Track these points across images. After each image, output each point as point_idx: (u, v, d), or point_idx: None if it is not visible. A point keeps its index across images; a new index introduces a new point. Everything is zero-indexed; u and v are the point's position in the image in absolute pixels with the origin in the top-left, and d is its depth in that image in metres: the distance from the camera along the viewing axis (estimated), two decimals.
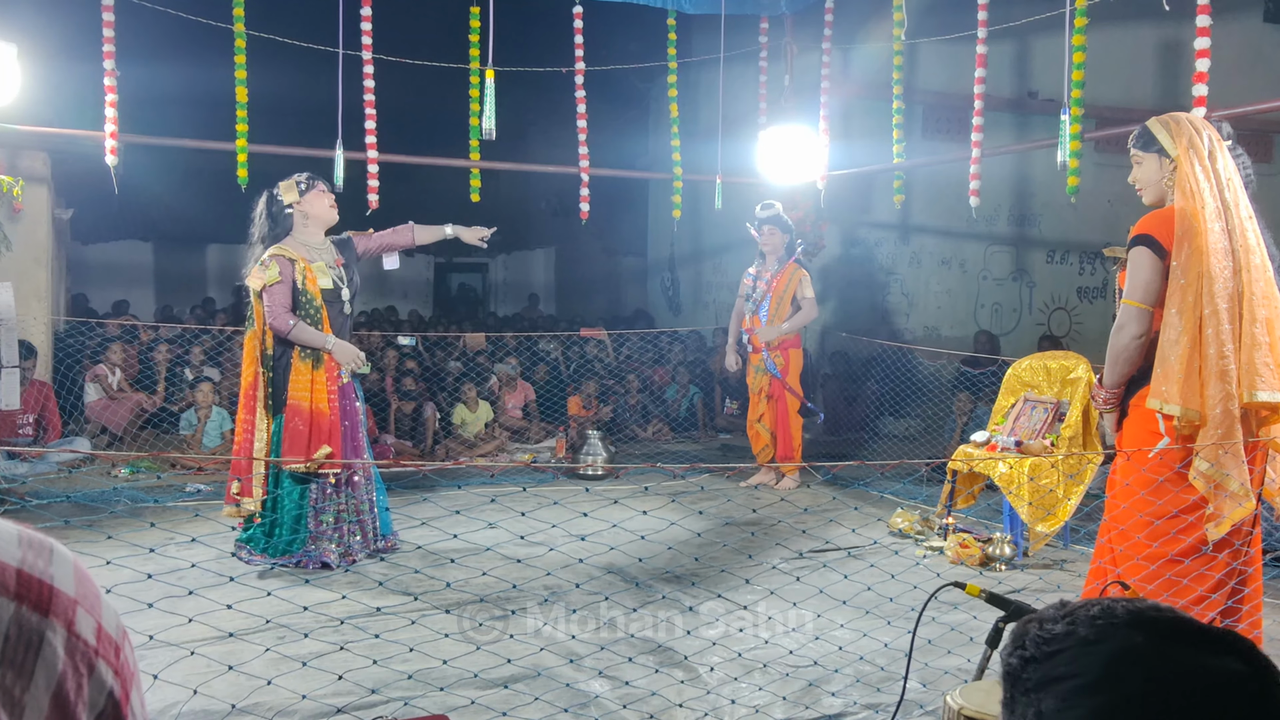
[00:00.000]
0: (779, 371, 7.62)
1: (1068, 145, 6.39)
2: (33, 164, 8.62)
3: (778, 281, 7.65)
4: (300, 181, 5.47)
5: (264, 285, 5.30)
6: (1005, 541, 5.64)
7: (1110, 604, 0.95)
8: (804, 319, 7.66)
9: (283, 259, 5.34)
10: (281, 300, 5.29)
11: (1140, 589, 3.17)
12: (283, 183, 5.49)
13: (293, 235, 5.45)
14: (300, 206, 5.45)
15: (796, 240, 7.81)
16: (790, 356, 7.69)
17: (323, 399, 5.33)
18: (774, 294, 7.65)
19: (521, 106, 13.44)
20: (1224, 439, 3.17)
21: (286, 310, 5.29)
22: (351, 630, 4.14)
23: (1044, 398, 5.99)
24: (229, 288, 16.02)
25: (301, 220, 5.46)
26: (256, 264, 5.38)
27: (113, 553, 3.77)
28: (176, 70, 10.96)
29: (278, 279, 5.29)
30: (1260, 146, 11.83)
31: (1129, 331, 3.36)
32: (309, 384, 5.32)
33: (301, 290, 5.35)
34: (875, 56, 9.42)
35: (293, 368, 5.32)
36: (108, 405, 8.76)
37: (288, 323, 5.27)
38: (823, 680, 3.80)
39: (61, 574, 0.72)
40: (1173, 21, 7.28)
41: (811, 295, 7.66)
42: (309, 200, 5.46)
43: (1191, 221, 3.23)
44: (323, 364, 5.36)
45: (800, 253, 7.81)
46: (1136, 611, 0.93)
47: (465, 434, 9.12)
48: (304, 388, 5.31)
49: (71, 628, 0.70)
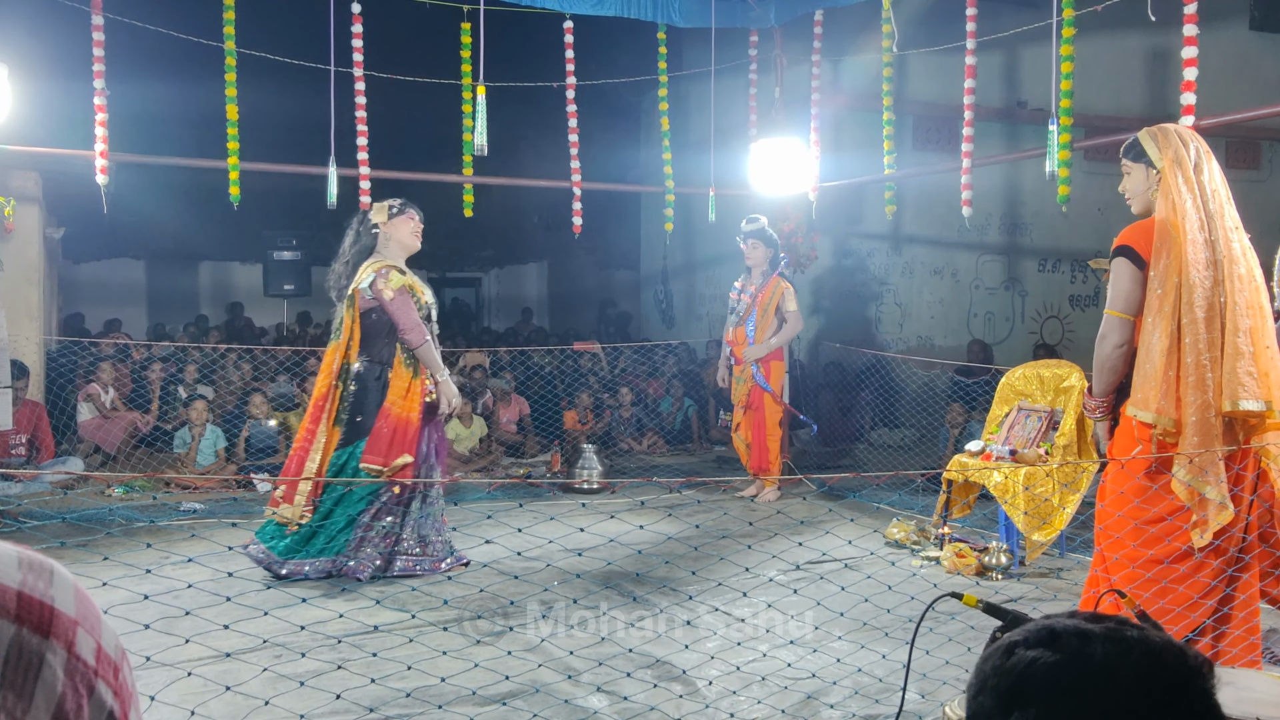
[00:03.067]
0: (766, 382, 7.59)
1: (1056, 154, 6.42)
2: (24, 183, 8.62)
3: (762, 295, 7.62)
4: (393, 205, 5.52)
5: (396, 290, 5.29)
6: (1001, 551, 5.64)
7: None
8: (789, 333, 7.65)
9: (395, 270, 5.37)
10: (413, 308, 5.32)
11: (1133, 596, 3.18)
12: (376, 204, 5.58)
13: (379, 252, 5.48)
14: (386, 228, 5.48)
15: (781, 254, 7.81)
16: (772, 368, 7.64)
17: (415, 409, 5.33)
18: (759, 308, 7.63)
19: (513, 121, 13.48)
20: (1201, 447, 3.19)
21: (417, 318, 5.31)
22: (349, 648, 4.13)
23: (1038, 406, 6.01)
24: (222, 305, 16.00)
25: (384, 241, 5.49)
26: (373, 275, 5.34)
27: (109, 573, 3.76)
28: (167, 89, 10.96)
29: (403, 283, 5.33)
30: (1248, 154, 11.90)
31: (1110, 341, 3.43)
32: (404, 391, 5.32)
33: (414, 299, 5.39)
34: (865, 68, 9.47)
35: (393, 371, 5.33)
36: (101, 424, 8.73)
37: (424, 335, 5.31)
38: (821, 692, 3.80)
39: (62, 595, 0.72)
40: (1160, 31, 7.34)
41: (795, 308, 7.64)
42: (395, 224, 5.48)
43: (1171, 232, 3.27)
44: (420, 374, 5.37)
45: (785, 266, 7.79)
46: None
47: (459, 449, 9.10)
48: (399, 393, 5.31)
49: (72, 649, 0.70)
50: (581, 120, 8.30)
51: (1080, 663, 0.97)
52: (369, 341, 5.37)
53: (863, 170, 9.02)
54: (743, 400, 7.71)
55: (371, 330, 5.36)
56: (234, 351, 10.44)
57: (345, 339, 5.36)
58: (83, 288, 15.04)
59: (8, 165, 8.19)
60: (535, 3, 7.75)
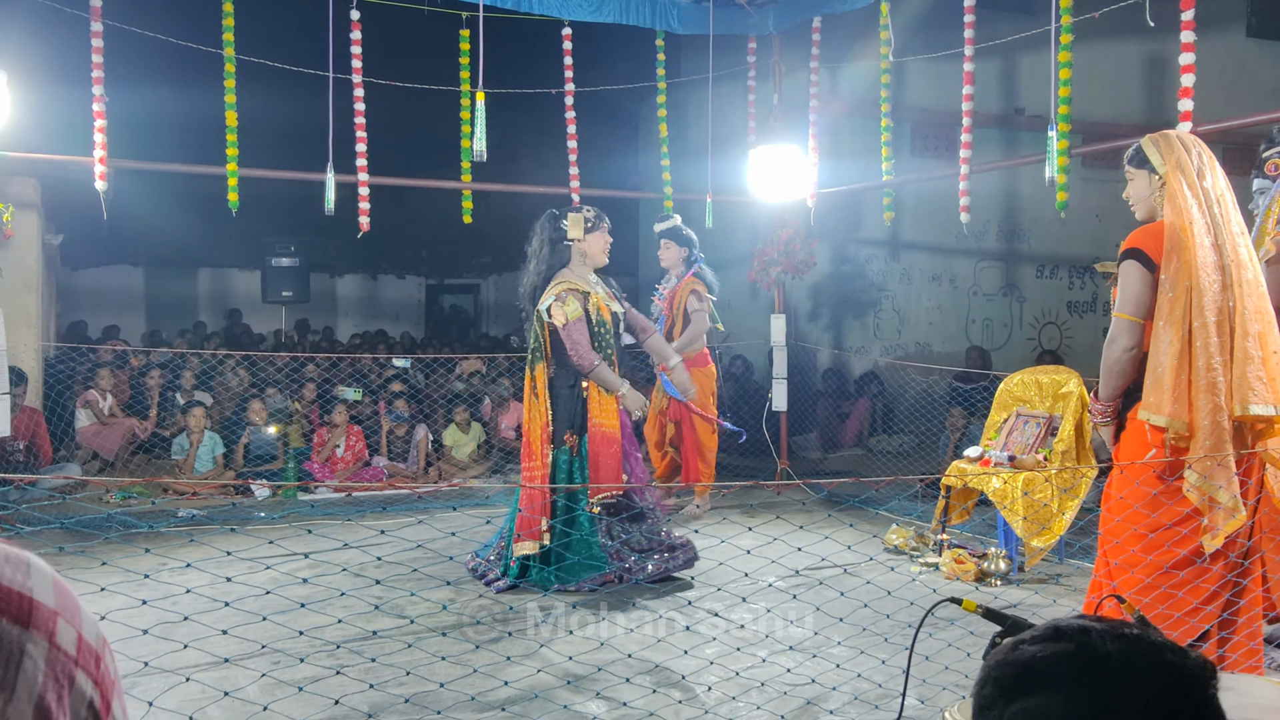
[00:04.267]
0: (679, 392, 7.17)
1: (1055, 161, 6.43)
2: (23, 190, 8.62)
3: (673, 298, 7.32)
4: (588, 219, 5.50)
5: (567, 321, 5.30)
6: (1000, 556, 5.64)
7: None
8: (691, 334, 7.16)
9: (577, 292, 5.37)
10: (583, 335, 5.31)
11: (1135, 601, 3.17)
12: (571, 214, 5.53)
13: (570, 267, 5.48)
14: (581, 244, 5.48)
15: (697, 254, 7.43)
16: (693, 377, 7.08)
17: (614, 421, 5.37)
18: (669, 311, 7.30)
19: (512, 128, 13.51)
20: (1213, 451, 3.18)
21: (589, 346, 5.31)
22: (347, 654, 4.12)
23: (1036, 412, 6.01)
24: (220, 311, 16.00)
25: (579, 256, 5.50)
26: (553, 299, 5.37)
27: (106, 579, 3.76)
28: (166, 95, 10.98)
29: (579, 314, 5.31)
30: (1246, 160, 11.90)
31: (1120, 344, 3.39)
32: (601, 406, 5.35)
33: (597, 320, 5.39)
34: (863, 75, 9.48)
35: (590, 392, 5.35)
36: (99, 431, 8.72)
37: (593, 361, 5.29)
38: (820, 698, 3.79)
39: (40, 587, 0.72)
40: (1157, 37, 7.36)
41: (701, 306, 7.17)
42: (592, 239, 5.48)
43: (1180, 236, 3.26)
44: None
45: (701, 265, 7.38)
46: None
47: (457, 456, 9.10)
48: (598, 408, 5.34)
49: (53, 639, 0.71)
50: (580, 127, 8.31)
51: (1084, 654, 0.98)
52: (559, 354, 5.41)
53: (861, 177, 9.04)
54: (662, 410, 7.36)
55: (560, 346, 5.40)
56: (232, 358, 10.44)
57: (544, 357, 5.42)
58: (81, 294, 15.04)
59: (7, 171, 8.19)
60: (534, 9, 7.76)
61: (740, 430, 7.87)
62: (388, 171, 8.08)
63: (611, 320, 5.48)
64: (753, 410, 10.52)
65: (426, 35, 8.61)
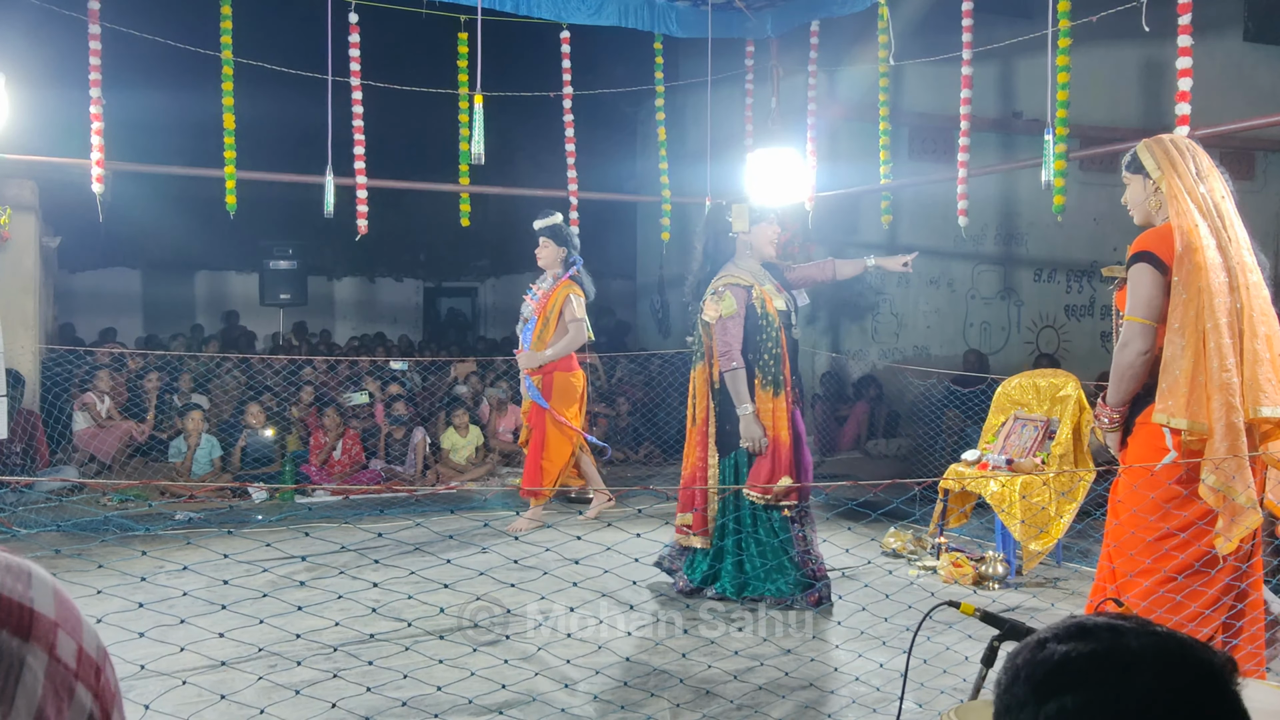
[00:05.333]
0: (542, 397, 6.84)
1: (1052, 165, 6.43)
2: (20, 192, 8.61)
3: (546, 300, 6.93)
4: (754, 209, 5.34)
5: (719, 317, 5.14)
6: (998, 560, 5.64)
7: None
8: (568, 344, 6.83)
9: (737, 287, 5.18)
10: (735, 335, 5.11)
11: (1136, 606, 3.17)
12: (735, 206, 5.35)
13: (735, 261, 5.31)
14: (747, 236, 5.30)
15: (575, 255, 7.06)
16: (556, 381, 6.86)
17: (784, 428, 5.14)
18: (540, 314, 6.93)
19: (510, 130, 13.51)
20: (1229, 452, 3.18)
21: (738, 348, 5.11)
22: (344, 657, 4.11)
23: (1034, 416, 6.01)
24: (218, 315, 15.98)
25: (745, 249, 5.32)
26: (710, 294, 5.22)
27: (103, 582, 3.75)
28: (164, 97, 10.97)
29: (734, 311, 5.13)
30: (1243, 164, 11.93)
31: (1134, 348, 3.33)
32: (770, 413, 5.13)
33: (762, 314, 5.15)
34: (861, 79, 9.49)
35: (755, 395, 5.13)
36: (96, 434, 8.71)
37: (732, 363, 5.09)
38: (818, 702, 3.79)
39: (41, 598, 0.72)
40: (1155, 41, 7.37)
41: (581, 317, 6.85)
42: (758, 231, 5.30)
43: (1189, 238, 3.25)
44: (783, 392, 5.15)
45: (578, 269, 7.04)
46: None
47: (455, 459, 9.09)
48: (766, 415, 5.13)
49: (53, 651, 0.70)
50: (578, 130, 8.31)
51: (1117, 652, 0.98)
52: None
53: (859, 180, 9.04)
54: (527, 414, 7.07)
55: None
56: (229, 360, 10.43)
57: (704, 356, 5.28)
58: (78, 297, 15.02)
59: (4, 174, 8.19)
60: (532, 12, 7.77)
61: (605, 445, 7.57)
62: (386, 174, 8.08)
63: (779, 316, 5.19)
64: None
65: (425, 38, 8.61)
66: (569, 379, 6.91)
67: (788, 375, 5.22)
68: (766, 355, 5.15)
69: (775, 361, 5.15)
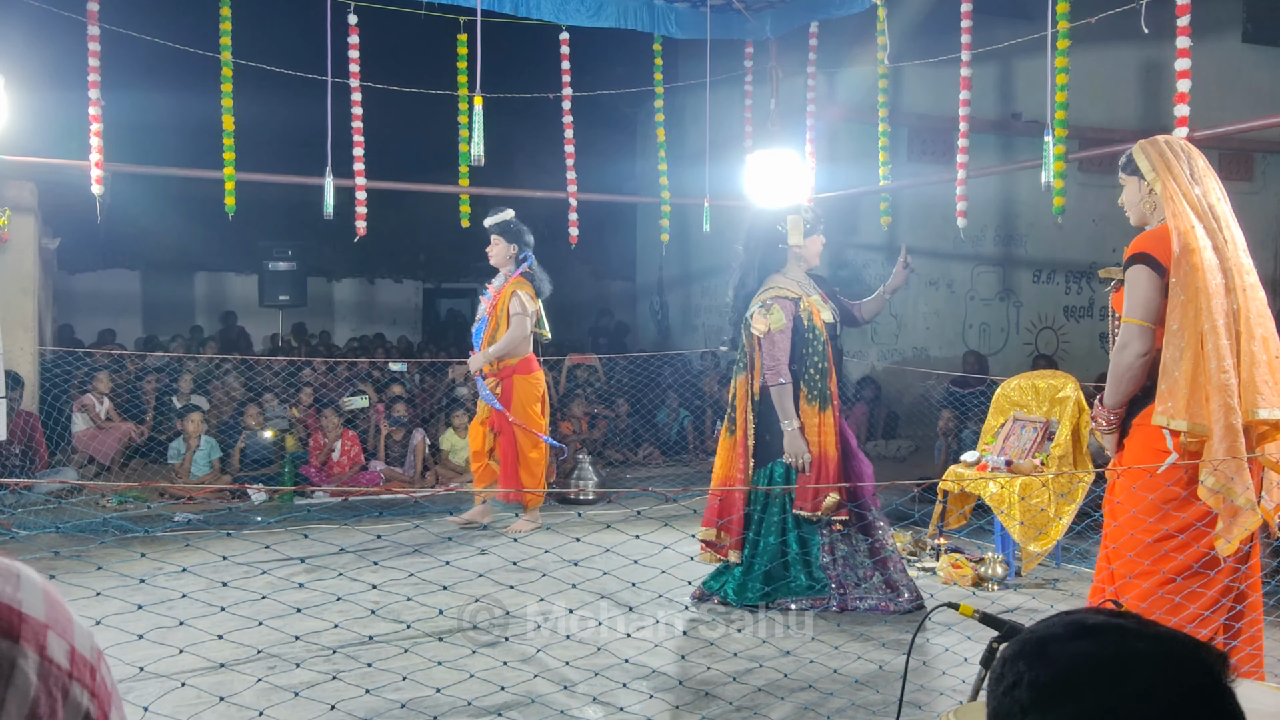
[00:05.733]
0: (497, 401, 6.69)
1: (1051, 166, 6.44)
2: (19, 193, 8.61)
3: (497, 299, 6.77)
4: (808, 220, 5.22)
5: (767, 331, 5.04)
6: (997, 561, 5.64)
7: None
8: (508, 340, 6.63)
9: (785, 300, 5.08)
10: (783, 349, 5.02)
11: (1135, 608, 3.17)
12: (791, 217, 5.21)
13: (783, 271, 5.20)
14: (798, 249, 5.20)
15: (527, 252, 6.89)
16: (516, 385, 6.70)
17: (830, 442, 5.05)
18: (492, 313, 6.76)
19: (509, 132, 13.51)
20: (1227, 454, 3.18)
21: (785, 363, 5.01)
22: (343, 659, 4.11)
23: (1033, 417, 6.01)
24: (216, 315, 15.98)
25: (795, 260, 5.23)
26: (758, 306, 5.11)
27: (102, 583, 3.75)
28: (163, 99, 10.97)
29: (782, 325, 5.03)
30: (1241, 165, 11.95)
31: (1133, 350, 3.33)
32: (817, 428, 5.04)
33: (809, 327, 5.07)
34: (860, 80, 9.50)
35: (799, 410, 5.05)
36: (95, 435, 8.70)
37: (779, 379, 5.00)
38: (818, 703, 3.79)
39: (30, 599, 0.72)
40: (1154, 43, 7.37)
41: (521, 311, 6.66)
42: (810, 242, 5.21)
43: (1186, 239, 3.25)
44: (829, 407, 5.08)
45: (530, 265, 6.87)
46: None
47: (455, 460, 9.09)
48: (811, 430, 5.04)
49: (43, 652, 0.70)
50: (578, 131, 8.32)
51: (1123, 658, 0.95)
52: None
53: (858, 181, 9.05)
54: (484, 419, 6.89)
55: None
56: (229, 362, 10.42)
57: (747, 367, 5.18)
58: (78, 298, 15.02)
59: (3, 175, 8.19)
60: (532, 14, 7.77)
61: (562, 446, 7.44)
62: (385, 176, 8.09)
63: (825, 329, 5.12)
64: None
65: (424, 40, 8.62)
66: (528, 381, 6.76)
67: (834, 390, 5.15)
68: (812, 369, 5.07)
69: (821, 376, 5.08)
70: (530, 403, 6.74)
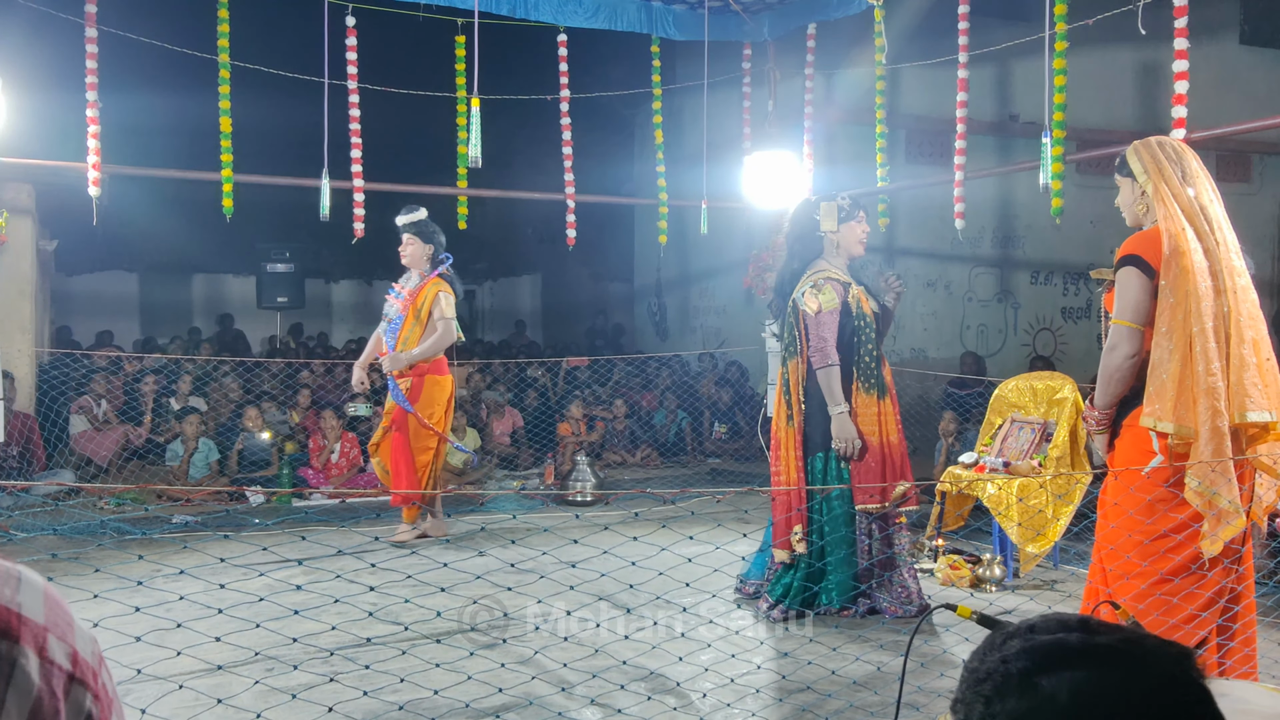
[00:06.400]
0: (405, 400, 6.52)
1: (1049, 167, 6.44)
2: (17, 195, 8.61)
3: (414, 299, 6.66)
4: (842, 207, 5.04)
5: (819, 310, 4.89)
6: (995, 563, 5.65)
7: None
8: (437, 344, 6.53)
9: (836, 283, 4.95)
10: (832, 330, 4.87)
11: (1131, 609, 3.17)
12: (824, 204, 5.07)
13: (824, 258, 5.05)
14: (835, 235, 5.04)
15: (443, 254, 6.79)
16: (426, 384, 6.56)
17: (893, 430, 4.94)
18: (407, 314, 6.64)
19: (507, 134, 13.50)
20: (1213, 456, 3.18)
21: (833, 344, 4.87)
22: (341, 661, 4.11)
23: (1031, 418, 6.01)
24: (214, 317, 15.98)
25: (832, 248, 5.06)
26: (809, 285, 4.95)
27: (100, 585, 3.74)
28: (161, 101, 10.97)
29: (835, 305, 4.90)
30: (1239, 167, 11.96)
31: (1122, 351, 3.35)
32: (876, 415, 4.91)
33: (858, 314, 4.94)
34: (858, 82, 9.51)
35: (855, 398, 4.91)
36: (93, 437, 8.70)
37: (829, 359, 4.84)
38: (816, 705, 3.79)
39: (30, 601, 0.72)
40: (1151, 45, 7.39)
41: (451, 316, 6.57)
42: (846, 229, 5.03)
43: (1176, 241, 3.26)
44: (888, 394, 4.97)
45: (447, 266, 6.77)
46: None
47: (453, 462, 9.08)
48: (866, 418, 4.89)
49: (43, 653, 0.70)
50: (575, 133, 8.32)
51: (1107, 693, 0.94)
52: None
53: (856, 183, 9.04)
54: (388, 418, 6.69)
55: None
56: (226, 363, 10.42)
57: (799, 352, 5.00)
58: (75, 300, 15.01)
59: (1, 177, 8.19)
60: (530, 15, 7.78)
61: (472, 454, 7.25)
62: (383, 177, 8.09)
63: (874, 318, 4.99)
64: (748, 416, 10.53)
65: (422, 41, 8.61)
66: (439, 382, 6.62)
67: (889, 379, 5.04)
68: (866, 356, 4.94)
69: (875, 363, 4.96)
70: (437, 403, 6.59)
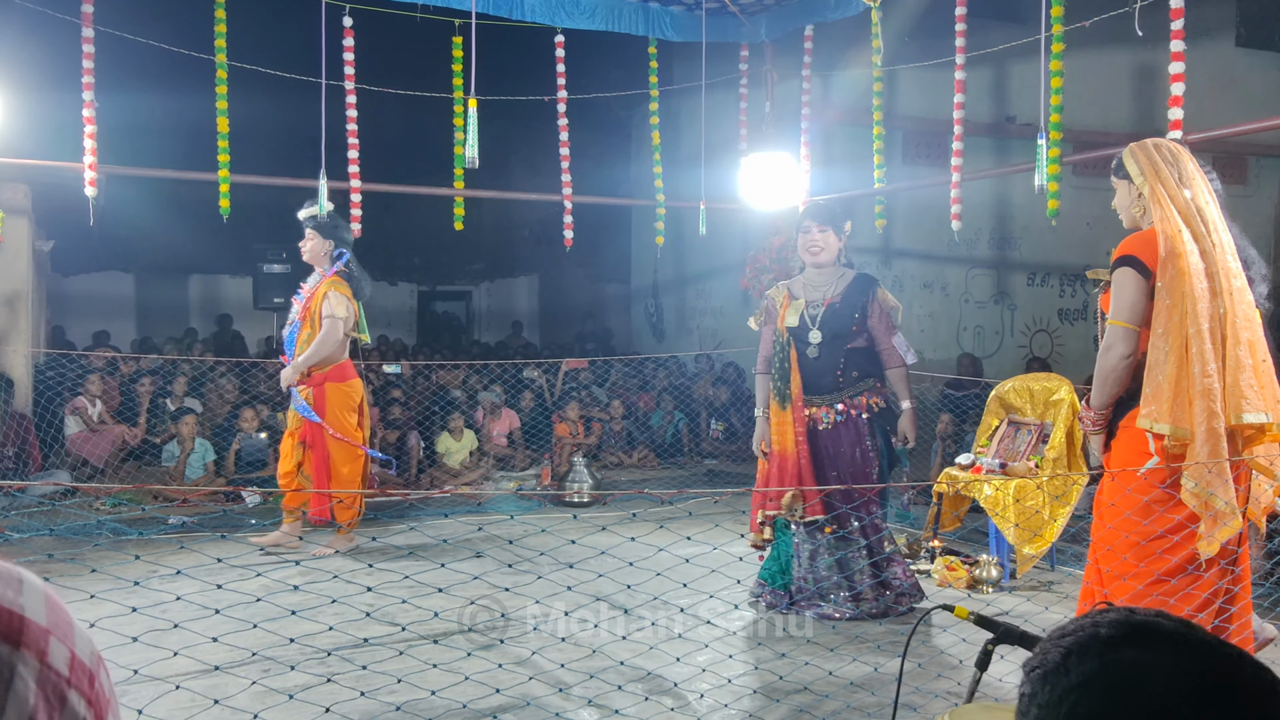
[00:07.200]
0: (312, 411, 6.16)
1: (1045, 169, 6.44)
2: (13, 196, 8.59)
3: (310, 300, 6.29)
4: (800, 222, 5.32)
5: (755, 319, 5.43)
6: (992, 564, 5.65)
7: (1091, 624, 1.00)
8: (318, 346, 6.14)
9: (771, 300, 5.34)
10: (765, 342, 5.30)
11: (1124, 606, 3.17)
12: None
13: (801, 271, 5.36)
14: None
15: (341, 250, 6.44)
16: (328, 393, 6.18)
17: (789, 441, 5.10)
18: (305, 315, 6.27)
19: (504, 134, 13.50)
20: (1209, 457, 3.19)
21: (761, 355, 5.32)
22: (338, 662, 4.11)
23: (1027, 419, 6.02)
24: (211, 318, 15.95)
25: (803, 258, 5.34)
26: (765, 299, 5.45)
27: (96, 586, 3.74)
28: (158, 101, 10.97)
29: (760, 323, 5.37)
30: (1235, 168, 11.97)
31: (1117, 352, 3.36)
32: (777, 425, 5.15)
33: (776, 329, 5.23)
34: (855, 83, 9.51)
35: (771, 406, 5.19)
36: (88, 438, 8.68)
37: (756, 369, 5.36)
38: (813, 705, 3.79)
39: (32, 604, 0.71)
40: (1147, 46, 7.40)
41: (339, 314, 6.15)
42: (799, 240, 5.26)
43: (1173, 243, 3.26)
44: (789, 405, 5.13)
45: (345, 263, 6.40)
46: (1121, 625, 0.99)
47: (450, 463, 9.08)
48: (774, 428, 5.16)
49: (44, 658, 0.69)
50: (573, 134, 8.32)
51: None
52: None
53: (853, 184, 9.06)
54: (293, 430, 6.32)
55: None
56: (222, 364, 10.40)
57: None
58: (71, 300, 14.99)
59: None
60: (527, 16, 7.77)
61: (390, 459, 7.14)
62: (380, 178, 8.08)
63: (786, 331, 5.17)
64: (745, 418, 10.53)
65: (419, 42, 8.61)
66: (341, 390, 6.24)
67: (795, 391, 5.13)
68: (777, 368, 5.22)
69: (781, 376, 5.19)
70: (345, 411, 6.24)
